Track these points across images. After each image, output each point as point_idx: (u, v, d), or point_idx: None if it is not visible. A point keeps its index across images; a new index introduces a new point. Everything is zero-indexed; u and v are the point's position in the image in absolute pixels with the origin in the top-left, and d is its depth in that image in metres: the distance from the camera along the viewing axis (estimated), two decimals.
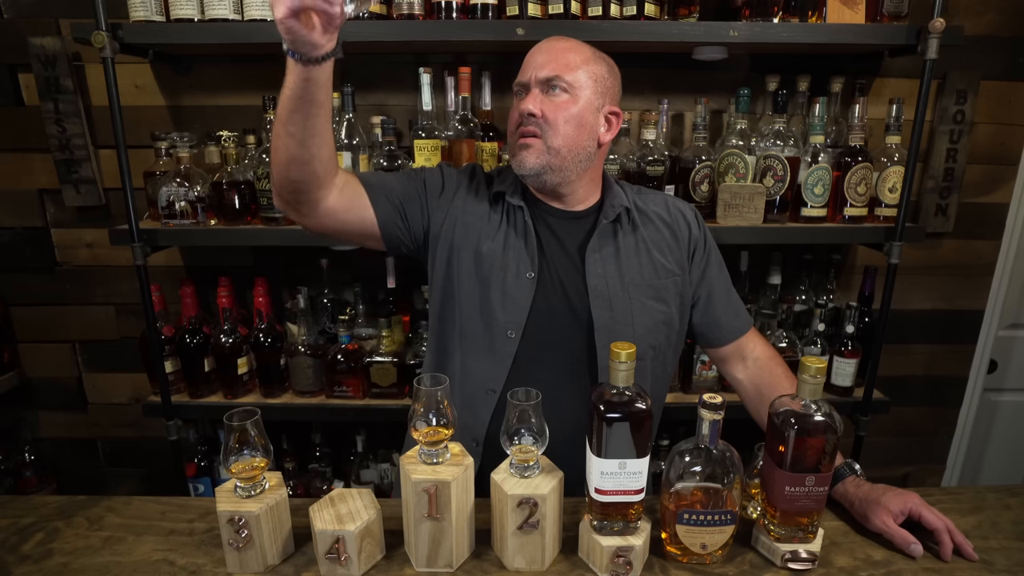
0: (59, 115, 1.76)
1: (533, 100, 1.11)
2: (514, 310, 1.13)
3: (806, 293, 1.85)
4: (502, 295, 1.14)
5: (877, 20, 1.55)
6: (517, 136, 1.14)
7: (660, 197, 1.27)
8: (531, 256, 1.15)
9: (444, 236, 1.18)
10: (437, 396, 0.88)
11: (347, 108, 1.58)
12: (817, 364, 0.85)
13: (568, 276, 1.15)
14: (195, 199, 1.60)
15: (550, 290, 1.15)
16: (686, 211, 1.25)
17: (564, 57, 1.11)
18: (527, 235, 1.16)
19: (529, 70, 1.13)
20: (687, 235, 1.22)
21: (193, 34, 1.49)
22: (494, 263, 1.15)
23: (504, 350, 1.13)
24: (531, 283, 1.14)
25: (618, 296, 1.14)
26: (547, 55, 1.12)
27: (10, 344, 1.99)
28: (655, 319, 1.16)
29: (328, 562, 0.88)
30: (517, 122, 1.13)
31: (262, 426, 0.90)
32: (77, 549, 0.96)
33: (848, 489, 1.03)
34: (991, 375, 2.15)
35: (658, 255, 1.19)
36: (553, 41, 1.15)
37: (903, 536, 0.94)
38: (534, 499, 0.86)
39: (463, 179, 1.23)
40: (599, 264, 1.15)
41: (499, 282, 1.14)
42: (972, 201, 1.92)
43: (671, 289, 1.19)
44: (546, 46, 1.14)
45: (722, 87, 1.79)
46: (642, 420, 0.83)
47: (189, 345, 1.71)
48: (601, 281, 1.14)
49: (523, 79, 1.14)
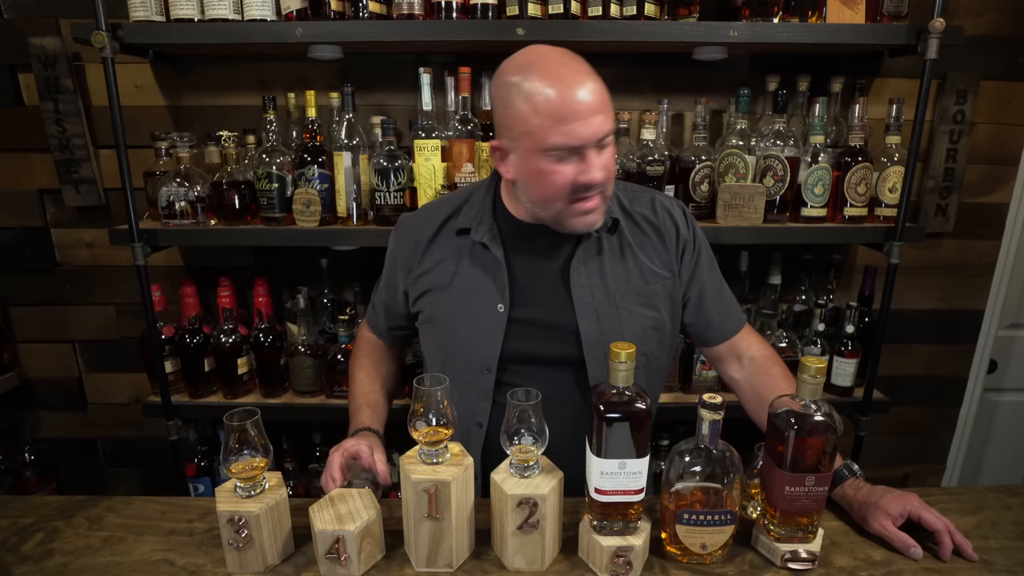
0: (59, 115, 1.76)
1: (598, 167, 0.98)
2: (486, 345, 1.11)
3: (806, 293, 1.85)
4: (473, 331, 1.13)
5: (877, 20, 1.55)
6: (574, 202, 1.01)
7: (647, 196, 1.20)
8: (500, 290, 1.11)
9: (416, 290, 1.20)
10: (437, 396, 0.88)
11: (347, 108, 1.58)
12: (817, 364, 0.85)
13: (550, 297, 1.12)
14: (195, 199, 1.60)
15: (526, 318, 1.12)
16: (673, 210, 1.19)
17: (607, 103, 0.98)
18: (496, 269, 1.12)
19: (583, 129, 0.95)
20: (675, 235, 1.17)
21: (193, 34, 1.49)
22: (461, 301, 1.14)
23: (483, 385, 1.13)
24: (501, 317, 1.11)
25: (604, 307, 1.11)
26: (587, 107, 0.95)
27: (10, 344, 1.99)
28: (644, 326, 1.14)
29: (328, 562, 0.88)
30: (570, 188, 0.99)
31: (262, 426, 0.90)
32: (77, 549, 0.96)
33: (847, 492, 1.03)
34: (991, 375, 2.15)
35: (645, 259, 1.15)
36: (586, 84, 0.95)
37: (902, 539, 0.94)
38: (534, 499, 0.86)
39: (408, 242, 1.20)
40: (583, 276, 1.11)
41: (468, 319, 1.13)
42: (972, 201, 1.92)
43: (660, 293, 1.15)
44: (587, 94, 0.95)
45: (722, 87, 1.79)
46: (642, 420, 0.83)
47: (189, 345, 1.71)
48: (587, 292, 1.11)
49: (577, 140, 0.95)
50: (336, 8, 1.50)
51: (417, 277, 1.19)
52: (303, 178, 1.58)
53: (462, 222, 1.15)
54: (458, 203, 1.19)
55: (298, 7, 1.49)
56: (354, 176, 1.61)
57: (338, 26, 1.48)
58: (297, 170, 1.59)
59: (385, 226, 1.60)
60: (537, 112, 0.95)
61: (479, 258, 1.14)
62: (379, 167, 1.57)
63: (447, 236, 1.18)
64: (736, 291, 1.77)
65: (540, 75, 0.96)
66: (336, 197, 1.61)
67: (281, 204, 1.60)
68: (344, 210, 1.62)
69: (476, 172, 1.61)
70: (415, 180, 1.60)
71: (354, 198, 1.62)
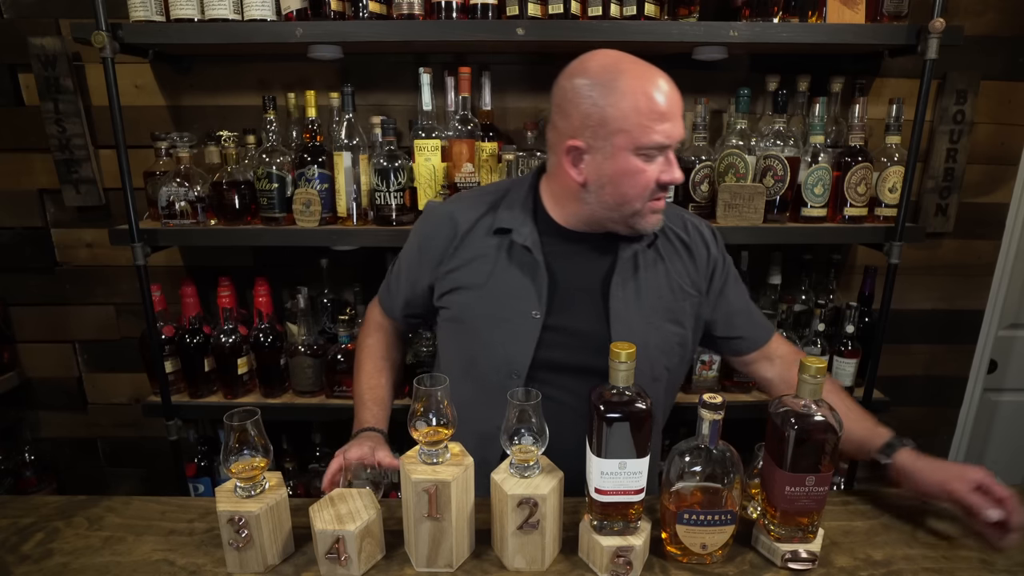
0: (59, 115, 1.76)
1: (678, 167, 1.04)
2: (518, 352, 1.09)
3: (806, 293, 1.85)
4: (505, 336, 1.10)
5: (877, 20, 1.55)
6: (651, 200, 1.05)
7: (675, 213, 1.21)
8: (539, 293, 1.09)
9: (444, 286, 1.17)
10: (437, 396, 0.88)
11: (347, 108, 1.58)
12: (817, 364, 0.85)
13: (585, 306, 1.11)
14: (195, 199, 1.60)
15: (563, 323, 1.10)
16: (703, 229, 1.21)
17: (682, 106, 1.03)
18: (536, 274, 1.10)
19: (672, 129, 1.00)
20: (705, 255, 1.18)
21: (193, 34, 1.49)
22: (495, 303, 1.11)
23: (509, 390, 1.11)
24: (536, 323, 1.09)
25: (638, 321, 1.10)
26: (677, 110, 1.01)
27: (10, 344, 1.99)
28: (671, 341, 1.14)
29: (328, 562, 0.88)
30: (652, 188, 1.03)
31: (262, 426, 0.90)
32: (77, 549, 0.96)
33: (905, 461, 1.02)
34: (991, 375, 2.15)
35: (676, 277, 1.15)
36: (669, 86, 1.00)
37: (981, 502, 0.94)
38: (534, 499, 0.86)
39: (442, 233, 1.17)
40: (621, 289, 1.10)
41: (501, 322, 1.11)
42: (972, 201, 1.92)
43: (688, 311, 1.16)
44: (670, 95, 1.00)
45: (722, 87, 1.79)
46: (642, 420, 0.83)
47: (189, 345, 1.71)
48: (622, 305, 1.10)
49: (662, 140, 1.00)
50: (336, 8, 1.50)
51: (447, 272, 1.16)
52: (303, 178, 1.58)
53: (501, 221, 1.13)
54: (493, 199, 1.17)
55: (298, 7, 1.49)
56: (354, 176, 1.61)
57: (338, 26, 1.48)
58: (297, 170, 1.59)
59: (385, 226, 1.60)
60: (638, 111, 0.97)
61: (518, 260, 1.11)
62: (379, 167, 1.57)
63: (482, 233, 1.14)
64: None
65: (634, 76, 0.99)
66: (336, 197, 1.61)
67: (281, 204, 1.60)
68: (344, 210, 1.62)
69: (476, 172, 1.61)
70: (415, 180, 1.60)
71: (354, 198, 1.62)
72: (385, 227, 1.60)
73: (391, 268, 1.32)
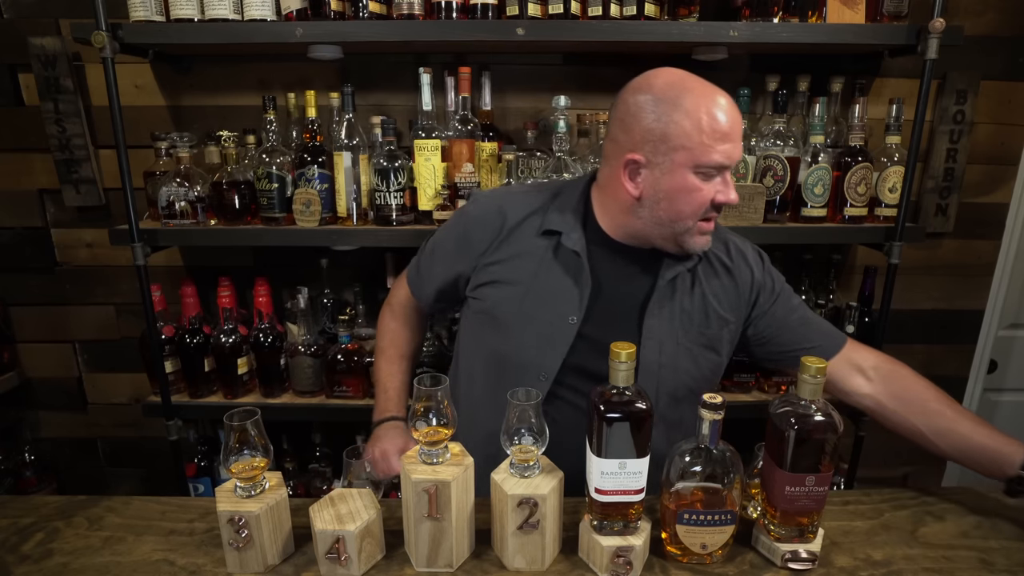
0: (59, 115, 1.76)
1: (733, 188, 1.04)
2: (549, 354, 1.09)
3: (806, 293, 1.85)
4: (539, 337, 1.10)
5: (877, 20, 1.55)
6: (702, 220, 1.05)
7: (720, 235, 1.18)
8: (581, 299, 1.09)
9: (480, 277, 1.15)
10: (437, 396, 0.88)
11: (347, 108, 1.58)
12: (817, 364, 0.85)
13: (620, 320, 1.10)
14: (195, 199, 1.60)
15: (596, 333, 1.09)
16: (748, 253, 1.19)
17: (742, 129, 1.03)
18: (580, 278, 1.09)
19: (732, 151, 1.01)
20: (749, 280, 1.16)
21: (193, 34, 1.49)
22: (534, 303, 1.10)
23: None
24: (572, 328, 1.09)
25: (669, 343, 1.09)
26: (737, 131, 1.01)
27: (10, 344, 1.99)
28: (703, 368, 1.13)
29: (328, 562, 0.88)
30: (706, 207, 1.03)
31: (262, 426, 0.90)
32: (77, 549, 0.96)
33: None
34: (991, 375, 2.15)
35: (715, 303, 1.13)
36: (731, 109, 1.01)
37: None
38: (534, 499, 0.86)
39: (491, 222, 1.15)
40: (657, 308, 1.10)
41: (537, 323, 1.10)
42: (972, 201, 1.92)
43: (724, 338, 1.14)
44: (731, 117, 1.00)
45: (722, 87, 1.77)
46: (642, 420, 0.83)
47: (189, 345, 1.71)
48: (656, 324, 1.09)
49: (722, 160, 1.00)
50: (336, 8, 1.50)
51: (488, 264, 1.14)
52: (303, 178, 1.58)
53: (552, 223, 1.12)
54: (543, 200, 1.16)
55: (298, 7, 1.49)
56: (354, 176, 1.61)
57: (338, 26, 1.48)
58: (297, 170, 1.59)
59: (385, 226, 1.60)
60: (700, 129, 0.98)
61: (563, 263, 1.11)
62: (379, 167, 1.57)
63: (528, 231, 1.13)
64: None
65: (698, 95, 1.00)
66: (336, 197, 1.61)
67: (281, 204, 1.60)
68: (344, 210, 1.62)
69: (476, 172, 1.61)
70: (415, 180, 1.60)
71: (354, 198, 1.62)
72: (385, 227, 1.60)
73: (423, 247, 1.28)
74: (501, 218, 1.14)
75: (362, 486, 0.99)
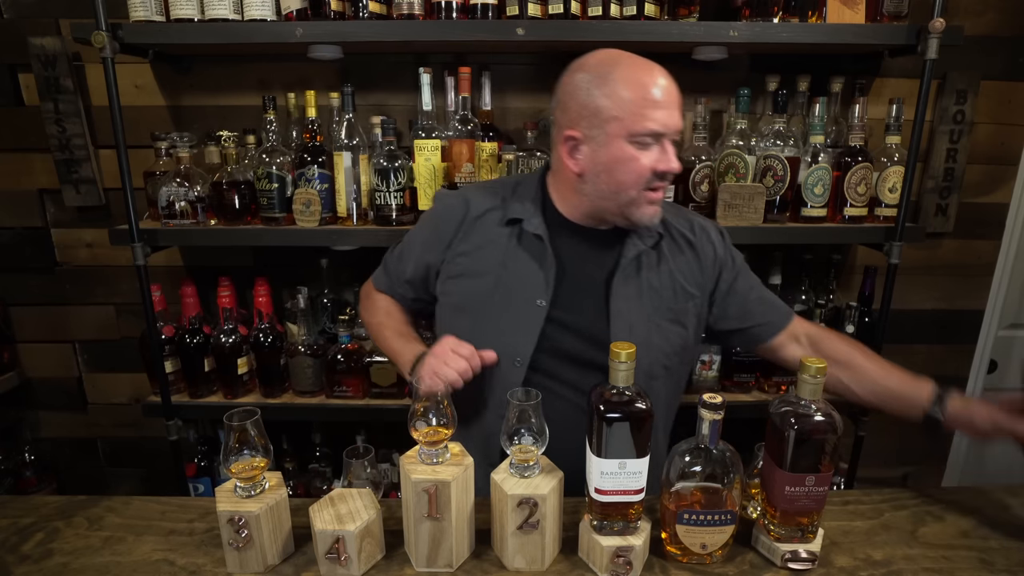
0: (59, 115, 1.76)
1: (675, 157, 1.05)
2: (522, 339, 1.11)
3: (806, 293, 1.85)
4: (509, 322, 1.12)
5: (877, 20, 1.55)
6: (646, 191, 1.06)
7: (683, 215, 1.23)
8: (547, 283, 1.11)
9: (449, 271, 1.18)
10: (437, 396, 0.88)
11: (347, 108, 1.58)
12: (817, 364, 0.85)
13: (587, 300, 1.12)
14: (195, 199, 1.60)
15: (565, 315, 1.11)
16: (711, 230, 1.22)
17: (680, 102, 1.05)
18: (544, 261, 1.12)
19: (667, 118, 1.02)
20: (712, 257, 1.19)
21: (193, 34, 1.49)
22: (503, 291, 1.13)
23: (511, 378, 1.11)
24: (541, 311, 1.11)
25: (640, 321, 1.11)
26: (672, 100, 1.03)
27: (10, 344, 1.99)
28: (673, 342, 1.14)
29: (328, 562, 0.88)
30: (647, 177, 1.04)
31: (262, 426, 0.90)
32: (77, 549, 0.96)
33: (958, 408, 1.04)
34: (991, 375, 2.15)
35: (680, 278, 1.16)
36: (664, 78, 1.03)
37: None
38: (534, 499, 0.86)
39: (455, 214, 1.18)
40: (623, 287, 1.12)
41: (507, 309, 1.12)
42: (972, 201, 1.92)
43: (690, 311, 1.17)
44: (666, 86, 1.02)
45: (722, 87, 1.79)
46: (642, 420, 0.83)
47: (189, 345, 1.71)
48: (624, 304, 1.11)
49: (661, 127, 1.02)
50: (336, 8, 1.50)
51: (456, 256, 1.17)
52: (303, 178, 1.58)
53: (513, 212, 1.15)
54: (504, 192, 1.20)
55: (298, 7, 1.49)
56: (354, 176, 1.61)
57: (338, 26, 1.48)
58: (297, 170, 1.59)
59: (385, 226, 1.60)
60: (631, 99, 1.00)
61: (528, 249, 1.14)
62: (379, 167, 1.57)
63: (492, 222, 1.17)
64: None
65: (629, 67, 1.02)
66: (336, 197, 1.61)
67: (281, 204, 1.60)
68: (344, 210, 1.62)
69: (476, 172, 1.61)
70: (415, 180, 1.60)
71: (354, 198, 1.62)
72: (385, 227, 1.60)
73: (389, 253, 1.32)
74: (464, 208, 1.18)
75: (362, 486, 0.99)
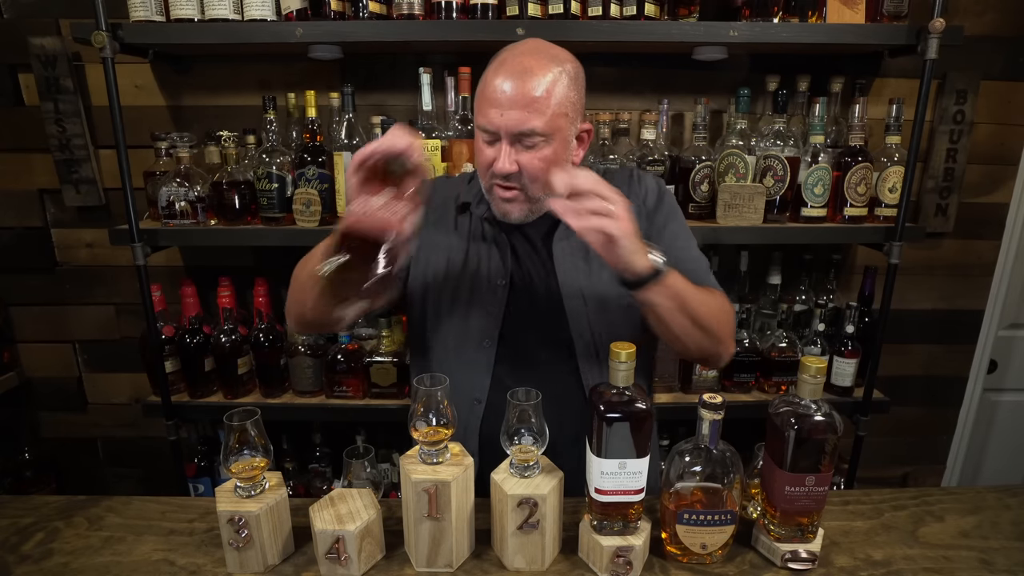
0: (59, 115, 1.76)
1: (507, 158, 1.01)
2: (488, 319, 1.13)
3: (806, 293, 1.85)
4: (474, 305, 1.14)
5: (877, 20, 1.55)
6: (492, 182, 1.07)
7: (625, 173, 1.22)
8: (504, 263, 1.14)
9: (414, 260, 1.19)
10: (437, 396, 0.88)
11: (347, 108, 1.58)
12: (817, 364, 0.85)
13: (539, 272, 1.15)
14: (195, 199, 1.60)
15: (524, 292, 1.14)
16: (648, 181, 1.21)
17: (536, 104, 0.98)
18: (498, 242, 1.15)
19: (496, 117, 0.99)
20: (642, 200, 1.17)
21: (193, 34, 1.49)
22: (465, 274, 1.15)
23: (481, 360, 1.13)
24: (503, 290, 1.13)
25: (581, 270, 1.14)
26: (516, 100, 0.98)
27: (10, 344, 1.99)
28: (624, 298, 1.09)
29: (328, 562, 0.88)
30: (488, 171, 1.05)
31: (262, 426, 0.90)
32: (77, 549, 0.96)
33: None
34: (991, 375, 2.15)
35: None
36: (520, 78, 0.98)
37: None
38: (534, 499, 0.86)
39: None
40: (563, 240, 1.14)
41: (470, 292, 1.15)
42: (972, 201, 1.92)
43: None
44: (513, 87, 0.98)
45: (722, 87, 1.79)
46: (642, 420, 0.84)
47: (189, 345, 1.71)
48: (565, 256, 1.14)
49: (490, 125, 1.01)
50: (336, 8, 1.50)
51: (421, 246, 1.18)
52: (303, 178, 1.58)
53: (464, 198, 1.20)
54: (462, 183, 1.24)
55: (298, 7, 1.49)
56: None
57: (338, 26, 1.48)
58: (297, 170, 1.59)
59: None
60: (483, 91, 1.03)
61: (483, 234, 1.17)
62: None
63: (450, 212, 1.21)
64: (736, 291, 1.78)
65: (501, 61, 1.03)
66: (336, 197, 1.61)
67: (281, 204, 1.60)
68: (344, 210, 1.62)
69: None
70: None
71: None
72: None
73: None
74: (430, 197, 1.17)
75: (362, 486, 1.00)
